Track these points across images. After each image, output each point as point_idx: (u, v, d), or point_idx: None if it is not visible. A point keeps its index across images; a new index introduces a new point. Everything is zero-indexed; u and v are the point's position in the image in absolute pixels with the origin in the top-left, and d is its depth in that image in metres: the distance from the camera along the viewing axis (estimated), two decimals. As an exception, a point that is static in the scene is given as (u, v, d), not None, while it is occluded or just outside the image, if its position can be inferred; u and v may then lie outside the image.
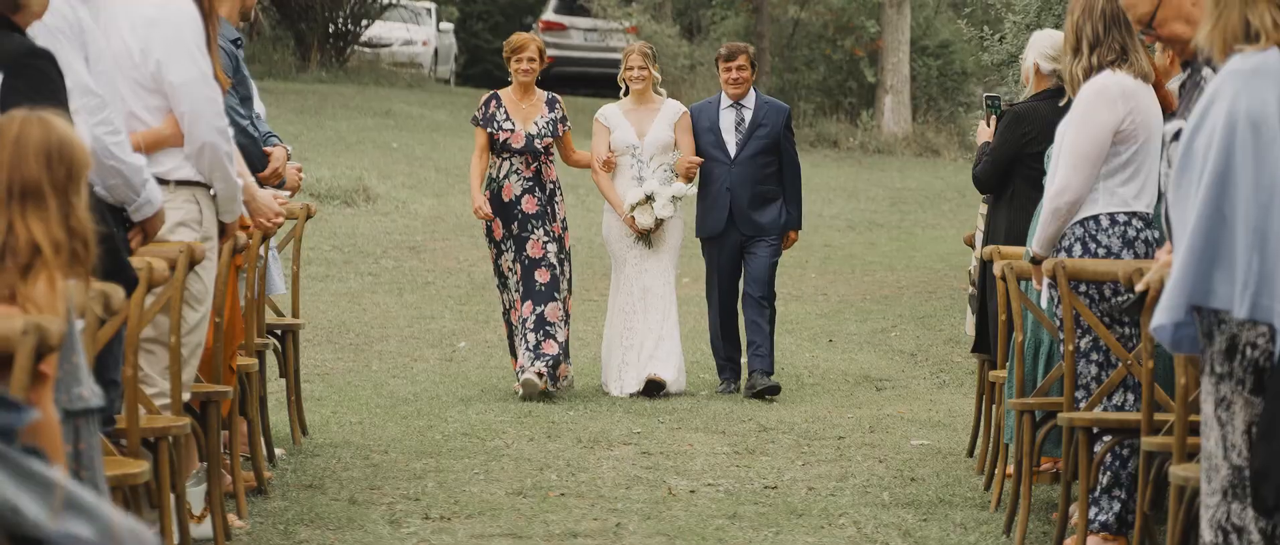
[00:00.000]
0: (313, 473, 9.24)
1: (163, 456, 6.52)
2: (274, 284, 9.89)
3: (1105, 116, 7.67)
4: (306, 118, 26.16)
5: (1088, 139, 7.68)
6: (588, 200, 21.97)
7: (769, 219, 12.51)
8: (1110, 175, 7.75)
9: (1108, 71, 7.69)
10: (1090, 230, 7.78)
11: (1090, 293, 7.77)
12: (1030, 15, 15.89)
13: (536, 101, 12.46)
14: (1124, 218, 7.78)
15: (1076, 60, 7.78)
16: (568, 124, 12.51)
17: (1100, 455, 7.49)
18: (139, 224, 6.56)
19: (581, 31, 35.11)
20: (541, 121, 12.35)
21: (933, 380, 13.29)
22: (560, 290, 12.15)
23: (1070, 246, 7.82)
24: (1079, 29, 7.76)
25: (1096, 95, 7.68)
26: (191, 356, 7.21)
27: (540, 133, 12.31)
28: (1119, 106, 7.68)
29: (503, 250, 12.30)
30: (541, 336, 11.96)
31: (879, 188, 26.11)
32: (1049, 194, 7.86)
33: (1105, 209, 7.78)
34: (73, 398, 4.61)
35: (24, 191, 4.58)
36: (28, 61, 5.48)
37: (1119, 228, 7.77)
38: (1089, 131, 7.69)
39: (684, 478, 9.41)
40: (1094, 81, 7.75)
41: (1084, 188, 7.71)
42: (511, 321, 12.34)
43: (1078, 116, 7.77)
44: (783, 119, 12.66)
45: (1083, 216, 7.79)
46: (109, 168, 6.37)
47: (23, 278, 4.57)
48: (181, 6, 7.15)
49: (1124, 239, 7.78)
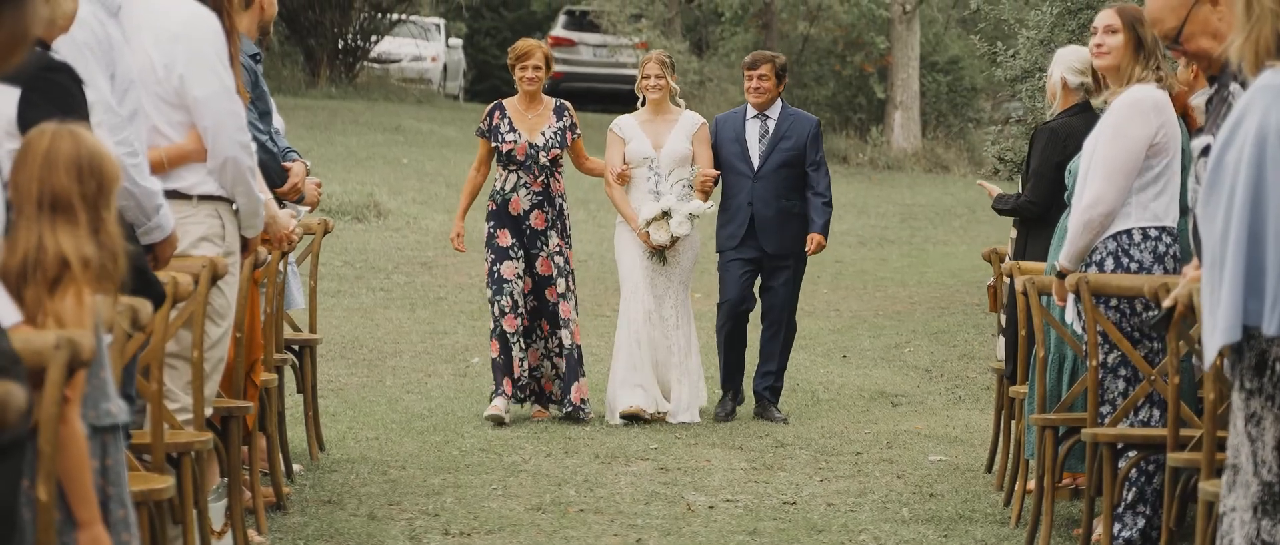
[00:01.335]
0: (331, 488, 9.21)
1: (185, 472, 6.49)
2: (293, 299, 9.87)
3: (1140, 129, 7.64)
4: (316, 133, 26.14)
5: (1122, 151, 7.65)
6: (599, 215, 21.96)
7: (791, 237, 11.97)
8: (1142, 189, 7.72)
9: (1143, 84, 7.67)
10: (1123, 244, 7.73)
11: (1121, 307, 7.73)
12: (1044, 30, 15.85)
13: (543, 110, 11.98)
14: (1155, 232, 7.75)
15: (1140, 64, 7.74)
16: (578, 131, 12.04)
17: (1125, 471, 7.46)
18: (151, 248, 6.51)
19: (591, 47, 35.10)
20: (549, 132, 11.87)
21: (948, 396, 13.25)
22: (569, 313, 11.74)
23: (1102, 261, 7.76)
24: (1152, 41, 7.72)
25: (1131, 107, 7.65)
26: (213, 372, 7.19)
27: (547, 144, 11.82)
28: (1152, 119, 7.65)
29: (512, 256, 11.73)
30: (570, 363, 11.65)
31: (889, 203, 26.08)
32: (1081, 206, 7.78)
33: (1138, 223, 7.74)
34: (101, 413, 4.59)
35: (54, 204, 4.56)
36: (45, 75, 5.46)
37: (1151, 242, 7.74)
38: (1123, 143, 7.65)
39: (702, 493, 9.38)
40: (1129, 93, 7.70)
41: (1118, 200, 7.67)
42: (506, 332, 11.62)
43: (1111, 128, 7.71)
44: (809, 131, 12.14)
45: (1116, 230, 7.74)
46: (122, 189, 6.33)
47: (51, 292, 4.55)
48: (206, 21, 7.13)
49: (1155, 254, 7.74)
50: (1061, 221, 8.91)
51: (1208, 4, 6.05)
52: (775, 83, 12.17)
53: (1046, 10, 15.88)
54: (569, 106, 12.16)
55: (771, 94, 12.17)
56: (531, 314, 11.84)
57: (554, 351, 11.81)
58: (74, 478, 4.35)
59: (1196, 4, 6.02)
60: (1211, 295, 5.24)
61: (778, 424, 11.65)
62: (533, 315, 11.85)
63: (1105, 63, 7.88)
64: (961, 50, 31.59)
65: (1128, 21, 7.79)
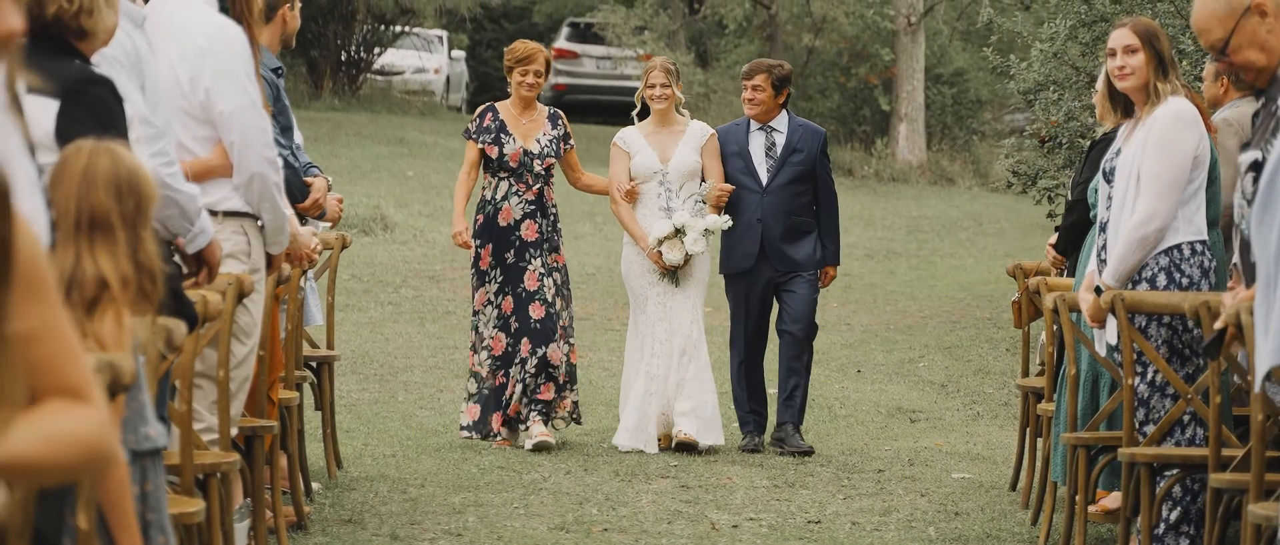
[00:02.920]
0: (351, 507, 9.09)
1: (212, 493, 6.38)
2: (311, 315, 9.76)
3: (1186, 142, 7.54)
4: (320, 146, 26.03)
5: (1171, 165, 7.53)
6: (605, 228, 21.85)
7: (804, 254, 11.25)
8: (1186, 203, 7.60)
9: (1176, 97, 7.58)
10: (1175, 260, 7.61)
11: (1174, 323, 7.60)
12: (1058, 42, 15.74)
13: (538, 117, 11.26)
14: (1200, 247, 7.65)
15: (1167, 81, 7.64)
16: (572, 142, 11.33)
17: (1164, 490, 7.35)
18: (198, 257, 6.41)
19: (594, 59, 35.01)
20: (544, 139, 11.16)
21: (966, 411, 13.14)
22: (557, 332, 11.02)
23: (1154, 277, 7.62)
24: (1171, 54, 7.63)
25: (1176, 120, 7.54)
26: (239, 391, 7.08)
27: (542, 152, 11.13)
28: (1195, 130, 7.56)
29: (486, 281, 11.10)
30: (541, 380, 10.94)
31: (895, 216, 25.97)
32: (1133, 223, 7.59)
33: (1186, 238, 7.63)
34: (140, 438, 4.49)
35: (92, 223, 4.45)
36: (85, 88, 5.36)
37: (1198, 257, 7.64)
38: (1173, 158, 7.53)
39: (725, 512, 9.27)
40: (1169, 106, 7.58)
41: (1170, 215, 7.56)
42: (474, 370, 11.06)
43: (1159, 142, 7.57)
44: (818, 144, 11.41)
45: (1167, 246, 7.61)
46: (165, 198, 6.23)
47: (88, 314, 4.44)
48: (232, 35, 7.03)
49: (1202, 268, 7.64)
50: (1087, 241, 8.80)
51: (1256, 15, 5.96)
52: (773, 93, 11.35)
53: (1059, 23, 15.78)
54: (562, 115, 11.48)
55: (767, 105, 11.36)
56: (514, 335, 11.08)
57: (531, 372, 11.01)
58: (115, 505, 4.24)
59: (1245, 15, 5.92)
60: (1264, 315, 5.13)
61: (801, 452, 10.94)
62: (515, 336, 11.07)
63: (1131, 84, 7.77)
64: (966, 62, 31.50)
65: (1145, 39, 7.68)
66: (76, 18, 5.45)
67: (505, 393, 11.06)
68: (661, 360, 11.02)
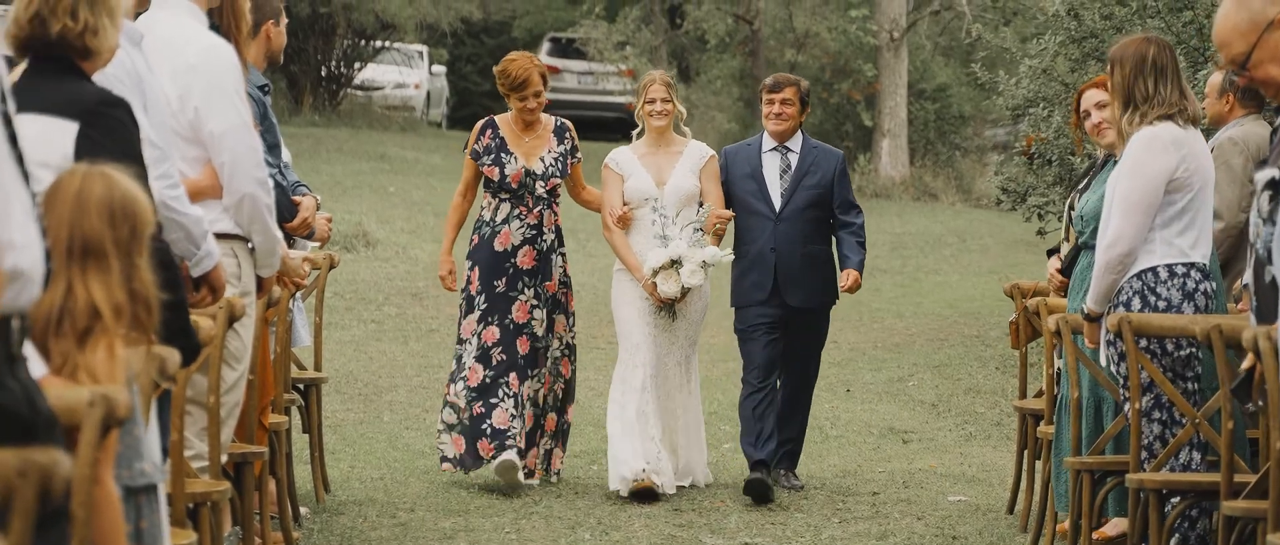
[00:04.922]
0: (340, 533, 8.93)
1: (203, 524, 6.22)
2: (299, 336, 9.60)
3: (1157, 164, 7.52)
4: (301, 162, 25.81)
5: (1139, 187, 7.52)
6: (589, 245, 21.67)
7: (819, 288, 10.41)
8: (1166, 225, 7.57)
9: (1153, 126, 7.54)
10: (1149, 282, 7.56)
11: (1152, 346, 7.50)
12: (1046, 59, 15.64)
13: (542, 132, 10.43)
14: (1182, 269, 7.57)
15: (1129, 116, 7.60)
16: (579, 156, 10.48)
17: (1172, 518, 7.22)
18: (201, 281, 6.25)
19: (576, 75, 34.87)
20: (548, 158, 10.35)
21: (959, 432, 12.99)
22: (542, 365, 10.28)
23: (1128, 300, 7.59)
24: (1130, 85, 7.56)
25: (1146, 144, 7.55)
26: (229, 417, 6.92)
27: (546, 172, 10.31)
28: (1171, 154, 7.53)
29: (473, 307, 10.29)
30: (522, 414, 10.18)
31: (879, 232, 25.81)
32: (1102, 246, 7.66)
33: (1163, 260, 7.58)
34: (135, 473, 4.33)
35: (85, 250, 4.28)
36: (104, 111, 5.23)
37: (1178, 279, 7.56)
38: (1140, 180, 7.53)
39: (720, 537, 9.13)
40: (1142, 133, 7.57)
41: (1137, 238, 7.52)
42: (451, 400, 10.22)
43: (1128, 166, 7.61)
44: (836, 167, 10.47)
45: (1140, 268, 7.58)
46: (171, 222, 6.07)
47: (80, 344, 4.27)
48: (224, 53, 6.87)
49: (1183, 291, 7.55)
50: (1080, 263, 8.70)
51: (1279, 31, 5.83)
52: (799, 109, 10.50)
53: (1048, 39, 15.68)
54: (571, 127, 10.62)
55: (795, 122, 10.48)
56: (496, 369, 10.23)
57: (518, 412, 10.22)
58: (108, 543, 4.08)
59: (1267, 30, 5.80)
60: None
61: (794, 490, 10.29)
62: (498, 371, 10.22)
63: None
64: (949, 77, 31.41)
65: (1114, 86, 7.65)
66: (81, 37, 5.30)
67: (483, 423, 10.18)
68: (655, 397, 10.14)
